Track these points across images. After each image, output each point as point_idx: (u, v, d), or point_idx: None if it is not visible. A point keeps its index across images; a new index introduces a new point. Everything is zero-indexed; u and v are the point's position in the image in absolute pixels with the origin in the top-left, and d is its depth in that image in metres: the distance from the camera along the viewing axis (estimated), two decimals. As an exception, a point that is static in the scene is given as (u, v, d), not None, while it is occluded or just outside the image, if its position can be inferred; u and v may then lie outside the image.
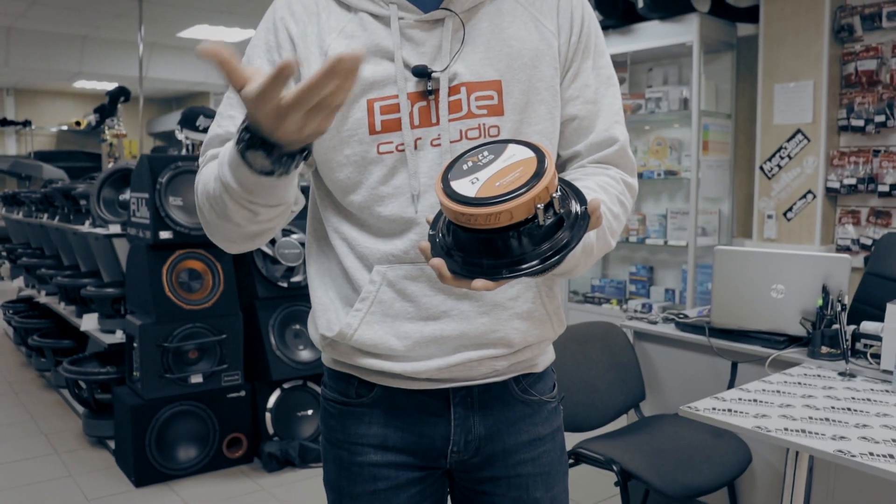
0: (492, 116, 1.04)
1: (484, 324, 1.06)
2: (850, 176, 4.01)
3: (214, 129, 1.09)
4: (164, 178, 3.12)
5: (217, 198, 0.95)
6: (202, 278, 3.22)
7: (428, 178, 1.03)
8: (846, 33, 4.01)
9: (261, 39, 1.10)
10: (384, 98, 1.03)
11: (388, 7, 1.05)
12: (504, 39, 1.06)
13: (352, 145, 1.04)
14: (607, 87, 1.14)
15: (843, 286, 2.27)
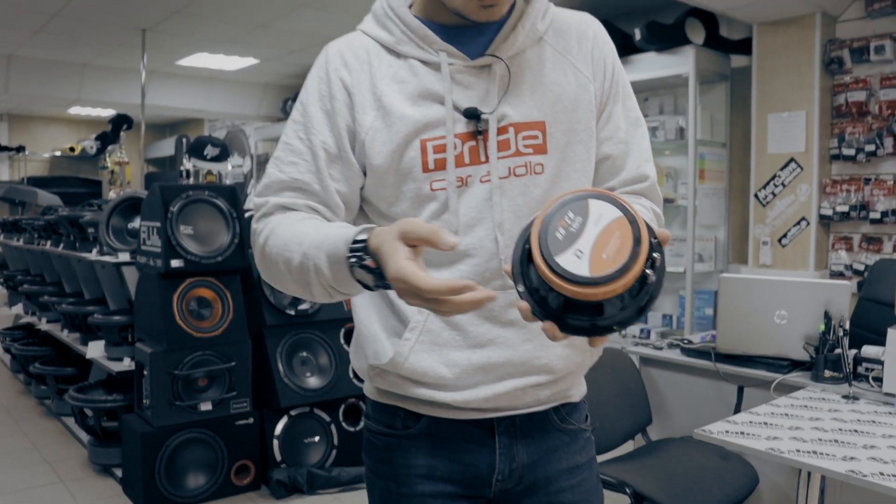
0: (537, 155, 1.12)
1: (528, 350, 1.12)
2: (842, 203, 4.10)
3: (276, 175, 1.14)
4: (175, 207, 3.17)
5: (300, 271, 1.03)
6: (212, 306, 3.26)
7: (477, 211, 1.10)
8: (836, 65, 4.12)
9: (314, 88, 1.15)
10: (436, 138, 1.09)
11: (438, 54, 1.11)
12: (546, 84, 1.14)
13: (407, 182, 1.11)
14: (636, 129, 1.22)
15: (843, 312, 2.35)
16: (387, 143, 1.10)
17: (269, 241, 1.09)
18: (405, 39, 1.13)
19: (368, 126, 1.11)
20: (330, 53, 1.17)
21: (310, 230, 1.04)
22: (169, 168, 11.62)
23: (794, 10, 4.06)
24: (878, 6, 3.99)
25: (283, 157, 1.14)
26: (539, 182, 1.12)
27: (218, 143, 3.99)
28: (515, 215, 1.10)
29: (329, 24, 5.86)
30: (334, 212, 1.13)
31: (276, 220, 1.10)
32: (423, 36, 1.13)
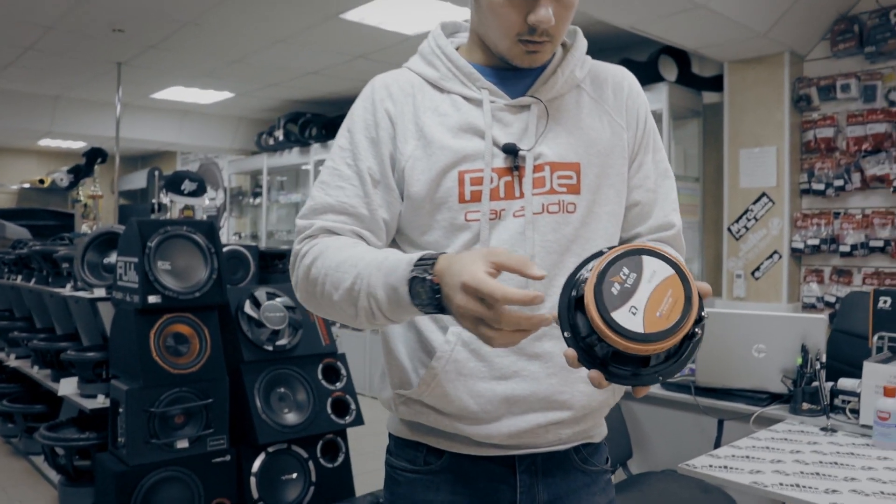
0: (570, 194, 1.16)
1: (552, 385, 1.14)
2: (813, 237, 4.19)
3: (323, 198, 1.17)
4: (153, 243, 3.14)
5: (349, 293, 1.05)
6: (189, 342, 3.22)
7: (509, 245, 1.13)
8: (804, 103, 4.23)
9: (360, 117, 1.20)
10: (473, 171, 1.14)
11: (480, 91, 1.17)
12: (582, 128, 1.19)
13: (442, 211, 1.14)
14: (665, 179, 1.28)
15: (820, 345, 2.39)
16: (425, 172, 1.14)
17: (317, 262, 1.11)
18: (450, 76, 1.20)
19: (409, 154, 1.15)
20: (376, 85, 1.22)
21: (365, 253, 1.07)
22: (141, 200, 11.52)
23: (762, 49, 4.17)
24: (843, 47, 4.11)
25: (330, 181, 1.18)
26: (571, 220, 1.16)
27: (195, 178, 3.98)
28: (546, 251, 1.14)
29: (303, 59, 5.90)
30: (378, 236, 1.17)
31: (325, 242, 1.13)
32: (468, 73, 1.19)
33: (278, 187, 8.51)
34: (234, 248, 3.65)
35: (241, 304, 3.39)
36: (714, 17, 3.65)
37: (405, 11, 4.63)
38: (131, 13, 4.76)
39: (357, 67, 6.09)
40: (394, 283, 0.99)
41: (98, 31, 5.14)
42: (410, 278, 0.97)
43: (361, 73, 6.31)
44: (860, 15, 4.08)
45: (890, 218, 3.96)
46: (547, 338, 1.13)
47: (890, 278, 3.98)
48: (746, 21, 3.77)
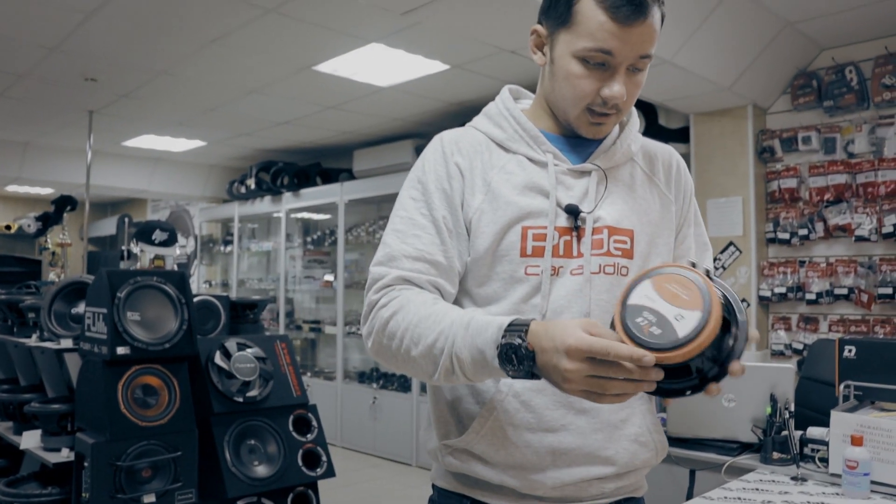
0: (624, 258, 1.22)
1: (598, 440, 1.17)
2: (779, 285, 4.26)
3: (400, 246, 1.20)
4: (122, 293, 3.11)
5: (430, 349, 1.08)
6: (158, 394, 3.18)
7: (566, 301, 1.18)
8: (768, 154, 4.34)
9: (432, 169, 1.24)
10: (536, 227, 1.19)
11: (545, 154, 1.23)
12: (636, 198, 1.26)
13: (503, 264, 1.19)
14: (704, 251, 1.38)
15: (788, 394, 2.42)
16: (491, 225, 1.19)
17: (397, 315, 1.13)
18: (517, 137, 1.25)
19: (476, 207, 1.20)
20: (445, 140, 1.27)
21: (449, 311, 1.09)
22: (110, 247, 11.41)
23: (726, 102, 4.28)
24: (803, 101, 4.24)
25: (406, 229, 1.21)
26: (623, 283, 1.19)
27: (167, 228, 3.95)
28: (601, 309, 1.19)
29: (276, 109, 5.94)
30: (453, 285, 1.21)
31: (406, 295, 1.15)
32: (534, 137, 1.25)
33: (249, 235, 8.49)
34: (204, 299, 3.63)
35: (212, 355, 3.35)
36: (679, 71, 3.75)
37: (377, 64, 4.70)
38: (104, 63, 4.77)
39: (329, 117, 6.14)
40: (481, 346, 1.02)
41: (70, 79, 5.14)
42: (501, 343, 0.99)
43: (334, 123, 6.36)
44: (818, 70, 4.22)
45: (853, 266, 4.05)
46: None
47: (855, 325, 4.05)
48: (710, 76, 3.89)
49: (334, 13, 3.89)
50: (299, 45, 4.39)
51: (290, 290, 7.62)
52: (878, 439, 2.06)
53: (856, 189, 4.04)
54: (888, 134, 3.97)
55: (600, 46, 1.13)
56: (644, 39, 1.14)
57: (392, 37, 4.22)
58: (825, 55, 4.20)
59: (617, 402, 0.95)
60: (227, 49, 4.47)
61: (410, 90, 5.24)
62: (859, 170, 4.02)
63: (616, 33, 1.12)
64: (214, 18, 4.00)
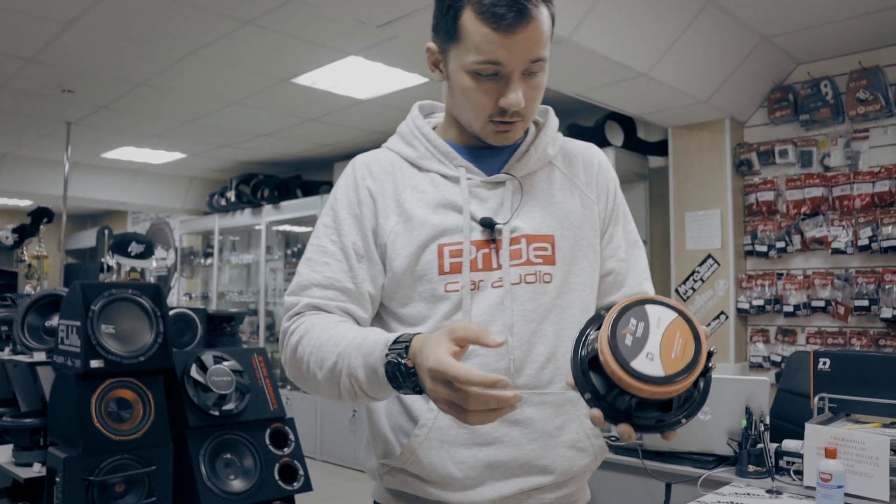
0: (546, 265, 1.21)
1: (534, 449, 1.17)
2: (757, 297, 4.28)
3: (310, 275, 1.21)
4: (97, 306, 3.08)
5: (332, 371, 1.08)
6: (132, 408, 3.14)
7: (489, 314, 1.17)
8: (746, 167, 4.37)
9: (343, 195, 1.25)
10: (452, 244, 1.18)
11: (458, 169, 1.23)
12: (555, 203, 1.25)
13: (423, 283, 1.19)
14: (635, 249, 1.35)
15: (763, 407, 2.42)
16: (406, 246, 1.19)
17: (303, 341, 1.14)
18: (428, 155, 1.25)
19: (390, 230, 1.20)
20: (357, 165, 1.28)
21: (347, 332, 1.10)
22: (90, 259, 11.31)
23: (704, 115, 4.31)
24: (779, 114, 4.28)
25: (316, 258, 1.23)
26: (547, 290, 1.21)
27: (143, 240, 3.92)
28: (525, 319, 1.18)
29: (255, 121, 5.93)
30: (364, 309, 1.21)
31: (311, 321, 1.16)
32: (446, 153, 1.24)
33: (230, 248, 8.44)
34: (181, 311, 3.60)
35: (188, 368, 3.32)
36: (656, 85, 3.78)
37: (356, 77, 4.70)
38: (82, 74, 4.75)
39: (309, 130, 6.13)
40: (372, 364, 1.02)
41: (48, 91, 5.10)
42: (387, 361, 0.99)
43: (313, 136, 6.35)
44: (794, 85, 4.26)
45: (829, 279, 4.08)
46: (527, 404, 1.17)
47: (832, 337, 4.07)
48: (687, 89, 3.91)
49: (312, 25, 3.89)
50: (277, 57, 4.38)
51: (270, 302, 7.58)
52: (852, 452, 2.07)
53: (832, 202, 4.08)
54: (863, 148, 4.01)
55: (487, 58, 1.12)
56: (532, 44, 1.12)
57: (370, 50, 4.23)
58: (801, 69, 4.24)
59: (486, 423, 0.94)
60: (205, 61, 4.46)
61: (390, 103, 5.25)
62: (835, 183, 4.06)
63: (501, 43, 1.11)
64: (192, 30, 3.99)
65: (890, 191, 3.86)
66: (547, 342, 1.20)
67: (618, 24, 3.34)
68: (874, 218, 3.91)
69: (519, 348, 1.17)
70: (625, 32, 3.41)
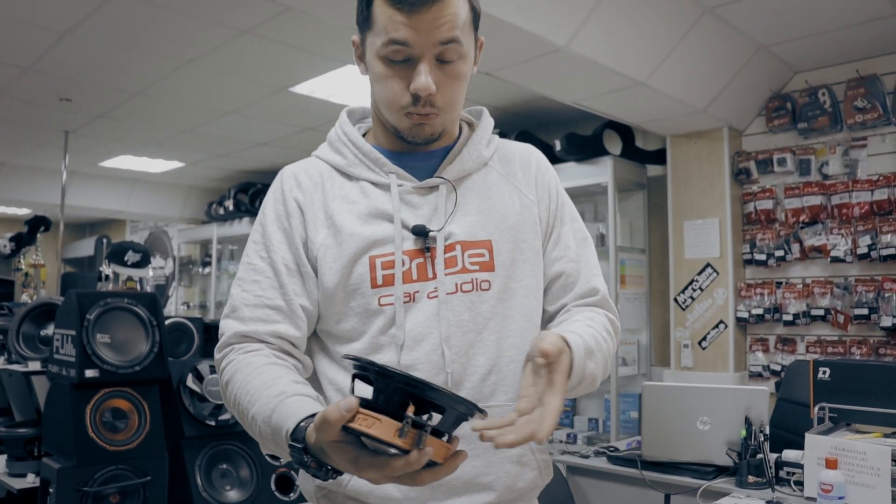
0: (483, 272, 1.16)
1: (476, 466, 1.12)
2: (757, 306, 4.26)
3: (240, 294, 1.18)
4: (92, 315, 3.06)
5: (251, 427, 1.05)
6: (128, 418, 3.12)
7: (424, 327, 1.12)
8: (744, 176, 4.36)
9: (271, 209, 1.21)
10: (384, 255, 1.14)
11: (388, 176, 1.18)
12: (492, 206, 1.20)
13: (356, 298, 1.14)
14: (585, 247, 1.29)
15: (763, 417, 2.40)
16: (337, 260, 1.14)
17: (229, 386, 1.12)
18: (357, 162, 1.20)
19: (320, 243, 1.16)
20: (285, 176, 1.23)
21: (261, 392, 1.04)
22: (87, 268, 11.29)
23: (702, 124, 4.31)
24: (777, 123, 4.27)
25: (246, 276, 1.19)
26: (486, 298, 1.16)
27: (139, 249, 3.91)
28: (462, 330, 1.14)
29: (253, 130, 5.92)
30: (297, 326, 1.16)
31: (236, 362, 1.11)
32: (375, 159, 1.19)
33: (228, 257, 8.43)
34: (177, 321, 3.58)
35: (184, 378, 3.30)
36: (654, 94, 3.77)
37: (354, 85, 4.69)
38: (79, 83, 4.74)
39: (307, 139, 6.13)
40: (283, 447, 0.97)
41: (45, 99, 5.09)
42: (291, 455, 0.94)
43: (312, 145, 6.25)
44: (792, 93, 4.26)
45: (829, 287, 4.06)
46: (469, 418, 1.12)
47: (832, 346, 4.05)
48: (685, 98, 3.91)
49: (309, 35, 3.89)
50: (275, 66, 4.38)
51: (268, 311, 7.54)
52: (853, 462, 2.05)
53: (830, 210, 4.06)
54: (861, 156, 4.00)
55: (392, 38, 1.09)
56: (438, 25, 1.08)
57: (369, 58, 4.22)
58: (798, 78, 4.24)
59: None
60: (202, 70, 4.46)
61: (389, 111, 5.24)
62: (834, 191, 4.05)
63: (405, 22, 1.07)
64: (189, 39, 3.98)
65: (888, 199, 3.85)
66: (487, 352, 1.14)
67: (615, 32, 3.34)
68: (873, 226, 3.90)
69: (457, 361, 1.12)
70: (622, 41, 3.41)
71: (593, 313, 1.22)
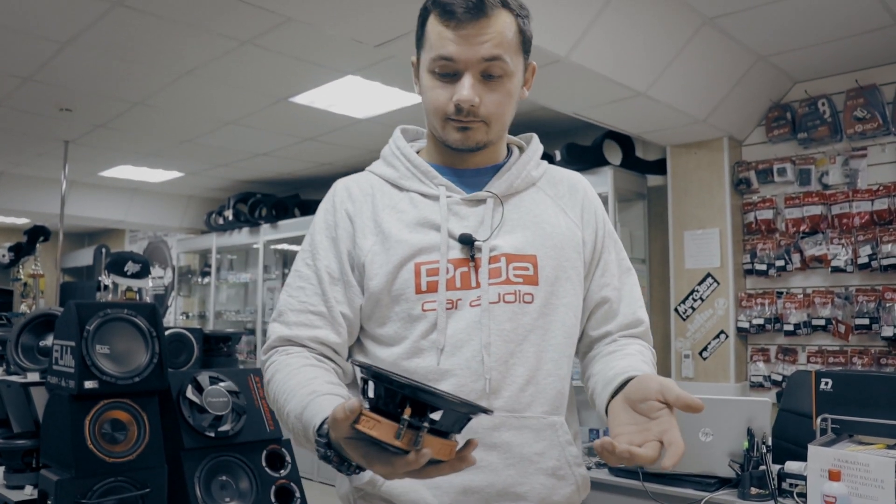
0: (527, 285, 1.19)
1: (511, 476, 1.14)
2: (757, 316, 4.26)
3: (286, 299, 1.25)
4: (91, 326, 3.05)
5: (286, 425, 1.12)
6: (127, 429, 3.10)
7: (465, 333, 1.15)
8: (744, 186, 4.36)
9: (321, 219, 1.27)
10: (429, 262, 1.17)
11: (438, 188, 1.22)
12: (538, 223, 1.23)
13: (400, 303, 1.17)
14: (628, 276, 1.34)
15: (765, 428, 2.39)
16: (384, 265, 1.18)
17: (270, 385, 1.19)
18: (408, 175, 1.25)
19: (368, 249, 1.20)
20: (338, 188, 1.29)
21: (297, 389, 1.10)
22: (87, 278, 11.27)
23: (702, 134, 4.31)
24: (777, 133, 4.28)
25: (293, 283, 1.25)
26: (528, 311, 1.19)
27: (139, 260, 3.90)
28: (503, 339, 1.16)
29: (253, 140, 5.92)
30: (337, 333, 1.21)
31: (278, 363, 1.18)
32: (426, 171, 1.24)
33: (227, 267, 8.42)
34: (176, 332, 3.57)
35: (183, 389, 3.29)
36: (654, 104, 3.78)
37: (354, 96, 4.70)
38: (79, 93, 4.74)
39: (306, 149, 6.13)
40: (311, 441, 1.03)
41: (45, 109, 5.10)
42: (316, 450, 1.00)
43: (311, 155, 6.35)
44: (792, 103, 4.26)
45: (830, 297, 4.06)
46: (505, 427, 1.14)
47: (833, 356, 4.05)
48: (685, 108, 3.91)
49: (309, 45, 3.89)
50: (275, 76, 4.38)
51: (267, 322, 7.54)
52: (856, 474, 2.04)
53: (831, 220, 4.06)
54: (861, 165, 4.01)
55: (440, 53, 1.16)
56: (484, 41, 1.15)
57: (368, 69, 4.23)
58: (798, 88, 4.25)
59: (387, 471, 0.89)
60: (202, 80, 4.46)
61: (388, 122, 5.25)
62: (834, 201, 4.05)
63: (452, 38, 1.15)
64: (189, 50, 3.99)
65: (889, 209, 3.85)
66: (527, 363, 1.17)
67: (615, 43, 3.34)
68: (873, 236, 3.89)
69: (496, 369, 1.15)
70: (622, 52, 3.41)
71: (642, 347, 1.27)
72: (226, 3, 3.30)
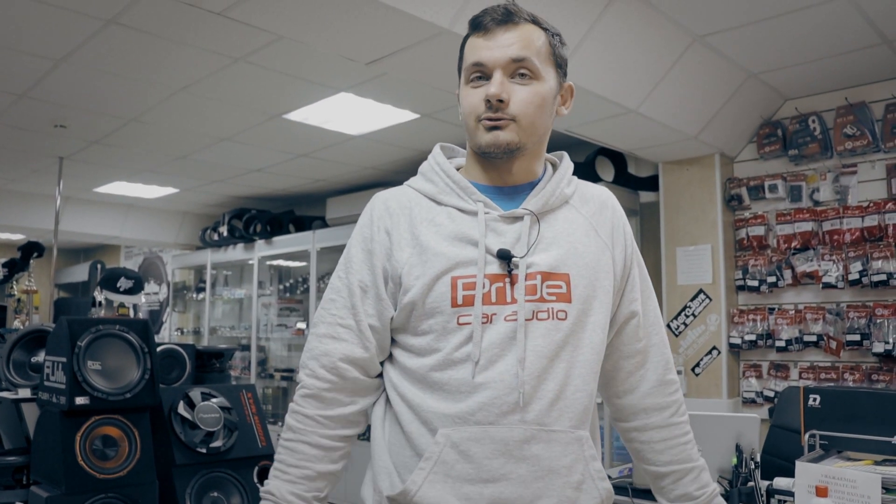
0: (560, 302, 1.22)
1: (539, 488, 1.16)
2: (749, 332, 4.27)
3: (320, 313, 1.31)
4: (83, 342, 3.04)
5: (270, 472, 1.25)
6: (118, 445, 3.10)
7: (500, 348, 1.18)
8: (736, 202, 4.39)
9: (359, 232, 1.31)
10: (466, 276, 1.20)
11: (476, 204, 1.25)
12: (572, 242, 1.27)
13: (435, 316, 1.20)
14: (650, 296, 1.42)
15: (754, 444, 2.40)
16: (421, 277, 1.20)
17: (285, 431, 1.28)
18: (447, 190, 1.28)
19: (405, 261, 1.23)
20: (376, 203, 1.32)
21: (286, 474, 1.27)
22: (81, 294, 11.26)
23: (694, 150, 4.34)
24: (769, 149, 4.31)
25: (327, 295, 1.30)
26: (561, 327, 1.22)
27: (132, 276, 3.90)
28: (536, 355, 1.19)
29: (248, 157, 5.94)
30: (364, 347, 1.25)
31: (298, 422, 1.28)
32: (464, 188, 1.27)
33: (222, 283, 8.42)
34: (169, 347, 3.56)
35: (175, 405, 3.28)
36: (646, 121, 3.80)
37: (347, 113, 4.72)
38: (74, 109, 4.76)
39: (301, 165, 6.15)
40: None
41: (40, 126, 5.11)
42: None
43: (305, 171, 6.37)
44: (782, 120, 4.30)
45: (821, 313, 4.07)
46: (535, 441, 1.17)
47: (825, 372, 4.06)
48: (677, 125, 3.94)
49: (302, 63, 3.92)
50: (269, 93, 4.40)
51: (262, 337, 7.53)
52: (843, 490, 2.04)
53: (822, 237, 4.09)
54: (851, 182, 4.03)
55: (472, 61, 1.26)
56: (510, 43, 1.24)
57: (361, 86, 4.25)
58: (789, 105, 4.28)
59: None
60: (196, 97, 4.48)
61: (381, 139, 5.27)
62: (825, 217, 4.08)
63: (482, 45, 1.25)
64: (183, 67, 4.01)
65: (879, 225, 3.87)
66: (557, 379, 1.20)
67: (606, 61, 3.37)
68: (864, 252, 3.91)
69: (528, 383, 1.17)
70: (613, 69, 3.44)
71: (679, 432, 1.43)
72: (218, 22, 3.32)
